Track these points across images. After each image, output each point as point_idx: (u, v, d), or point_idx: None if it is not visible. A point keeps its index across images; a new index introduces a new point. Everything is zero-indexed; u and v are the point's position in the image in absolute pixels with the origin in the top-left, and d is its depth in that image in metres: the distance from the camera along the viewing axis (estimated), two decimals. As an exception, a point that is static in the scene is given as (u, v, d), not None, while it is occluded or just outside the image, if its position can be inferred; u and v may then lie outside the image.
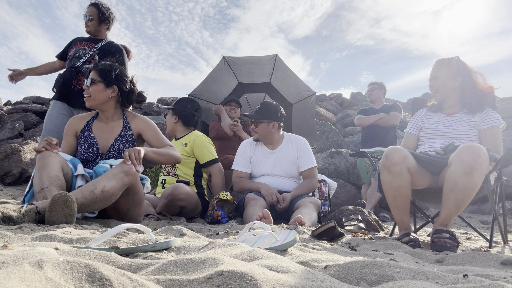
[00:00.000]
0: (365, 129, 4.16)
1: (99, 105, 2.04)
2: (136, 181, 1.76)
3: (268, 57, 4.20)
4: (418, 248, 1.54)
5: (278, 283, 0.61)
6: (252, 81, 4.37)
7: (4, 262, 0.59)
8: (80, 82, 2.91)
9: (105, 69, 2.03)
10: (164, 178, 2.73)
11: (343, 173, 4.61)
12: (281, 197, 2.46)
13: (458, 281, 0.74)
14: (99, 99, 2.01)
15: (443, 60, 2.11)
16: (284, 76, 4.34)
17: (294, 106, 4.49)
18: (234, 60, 4.23)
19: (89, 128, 2.07)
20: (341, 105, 10.34)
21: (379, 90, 4.19)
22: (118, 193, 1.67)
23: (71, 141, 2.08)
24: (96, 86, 2.00)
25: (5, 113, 6.86)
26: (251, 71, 4.30)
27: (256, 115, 2.69)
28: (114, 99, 2.07)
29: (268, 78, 4.28)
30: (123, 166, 1.68)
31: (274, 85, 4.33)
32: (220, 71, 4.29)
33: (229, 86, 4.39)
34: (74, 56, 2.97)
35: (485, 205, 4.21)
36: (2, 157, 4.07)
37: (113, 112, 2.09)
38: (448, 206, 1.63)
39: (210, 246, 1.00)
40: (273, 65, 4.19)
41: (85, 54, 2.96)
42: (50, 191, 1.58)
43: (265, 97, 4.51)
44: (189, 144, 2.75)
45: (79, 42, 3.05)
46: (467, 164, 1.59)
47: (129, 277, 0.59)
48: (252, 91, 4.51)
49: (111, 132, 2.05)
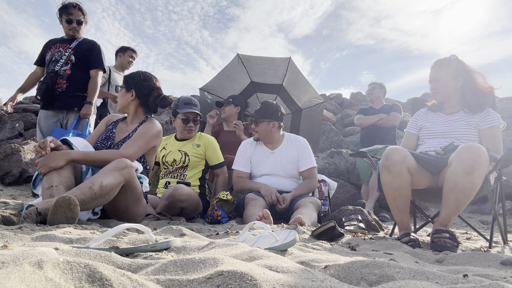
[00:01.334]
0: (365, 129, 4.16)
1: (122, 109, 2.20)
2: (132, 176, 1.78)
3: (282, 59, 4.22)
4: (418, 248, 1.54)
5: (278, 283, 0.61)
6: (265, 81, 4.38)
7: (4, 262, 0.59)
8: (60, 85, 2.94)
9: (128, 76, 2.20)
10: (168, 181, 2.71)
11: (343, 173, 4.61)
12: (281, 197, 2.46)
13: (458, 281, 0.74)
14: (121, 103, 2.18)
15: (442, 61, 2.10)
16: (296, 81, 4.37)
17: (304, 111, 4.51)
18: (248, 58, 4.24)
19: (115, 125, 2.23)
20: (341, 105, 10.34)
21: (379, 90, 4.20)
22: (116, 188, 1.69)
23: (102, 129, 2.23)
24: (120, 91, 2.20)
25: (5, 113, 6.86)
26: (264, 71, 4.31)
27: (257, 114, 2.69)
28: (134, 103, 2.17)
29: (280, 80, 4.30)
30: (117, 162, 1.72)
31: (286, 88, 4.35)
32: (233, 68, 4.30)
33: (241, 84, 4.40)
34: (51, 60, 3.00)
35: (485, 205, 4.21)
36: (2, 157, 4.07)
37: (133, 116, 2.19)
38: (448, 206, 1.63)
39: (210, 246, 1.00)
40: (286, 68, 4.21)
41: (61, 57, 2.98)
42: (58, 190, 1.62)
43: (276, 98, 4.52)
44: (203, 145, 2.77)
45: (53, 46, 3.06)
46: (467, 164, 1.59)
47: (129, 277, 0.59)
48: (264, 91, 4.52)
49: (125, 133, 2.15)
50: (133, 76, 2.18)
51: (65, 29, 3.04)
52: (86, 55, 3.03)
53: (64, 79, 2.95)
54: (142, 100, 2.17)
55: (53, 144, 1.77)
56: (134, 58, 4.05)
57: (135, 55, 4.05)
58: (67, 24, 3.01)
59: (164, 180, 2.73)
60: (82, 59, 3.02)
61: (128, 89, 2.16)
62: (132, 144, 1.98)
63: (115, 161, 1.72)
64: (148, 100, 2.16)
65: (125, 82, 2.19)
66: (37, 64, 3.16)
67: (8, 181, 3.98)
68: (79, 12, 3.01)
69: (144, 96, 2.15)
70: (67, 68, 2.97)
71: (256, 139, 2.75)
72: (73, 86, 2.97)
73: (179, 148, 2.77)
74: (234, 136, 3.49)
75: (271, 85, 4.40)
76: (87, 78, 3.04)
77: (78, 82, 3.00)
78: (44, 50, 3.12)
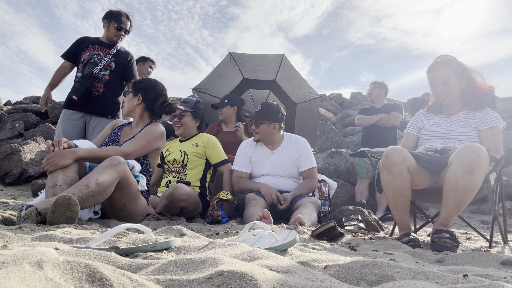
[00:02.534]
0: (366, 129, 4.16)
1: (128, 113, 2.25)
2: (127, 173, 1.80)
3: (275, 56, 4.20)
4: (418, 248, 1.54)
5: (278, 283, 0.61)
6: (257, 77, 4.36)
7: (4, 262, 0.59)
8: (97, 88, 2.97)
9: (137, 81, 2.27)
10: (169, 180, 2.72)
11: (343, 173, 4.61)
12: (282, 197, 2.46)
13: (458, 281, 0.74)
14: (128, 107, 2.23)
15: (441, 62, 2.05)
16: (290, 76, 4.34)
17: (298, 106, 4.49)
18: (240, 56, 4.24)
19: (121, 128, 2.28)
20: (341, 105, 10.33)
21: (380, 90, 4.18)
22: (112, 185, 1.70)
23: (108, 133, 2.30)
24: (128, 96, 2.25)
25: (5, 113, 6.86)
26: (256, 67, 4.30)
27: (257, 116, 2.68)
28: (140, 108, 2.23)
29: (273, 76, 4.28)
30: (111, 159, 1.74)
31: (280, 83, 4.33)
32: (226, 66, 4.29)
33: (234, 81, 4.39)
34: (89, 61, 2.99)
35: (485, 205, 4.21)
36: (2, 157, 4.07)
37: (138, 120, 2.25)
38: (448, 206, 1.63)
39: (210, 246, 1.00)
40: (279, 64, 4.18)
41: (100, 61, 3.00)
42: (62, 189, 1.64)
43: (269, 94, 4.49)
44: (202, 144, 2.77)
45: (91, 45, 3.06)
46: (467, 164, 1.59)
47: (129, 277, 0.59)
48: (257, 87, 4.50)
49: (129, 135, 2.19)
50: (141, 81, 2.26)
51: (111, 34, 3.07)
52: (124, 65, 3.10)
53: (102, 83, 2.99)
54: (148, 105, 2.22)
55: (66, 145, 1.82)
56: (153, 69, 4.10)
57: (154, 66, 4.10)
58: (117, 30, 3.06)
59: (166, 179, 2.76)
60: (120, 68, 3.08)
61: (135, 93, 2.23)
62: (134, 142, 2.05)
63: (109, 158, 1.75)
64: (154, 105, 2.22)
65: (133, 87, 2.25)
66: (66, 59, 3.12)
67: (8, 181, 3.98)
68: (129, 22, 3.12)
69: (150, 101, 2.22)
70: (106, 74, 3.00)
71: (257, 140, 2.75)
72: (109, 92, 3.02)
73: (180, 148, 2.80)
74: (234, 136, 3.48)
75: (263, 81, 4.38)
76: (122, 87, 3.13)
77: (114, 89, 3.05)
78: (77, 47, 3.09)
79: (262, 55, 4.28)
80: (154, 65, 4.11)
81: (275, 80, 4.30)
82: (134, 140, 2.06)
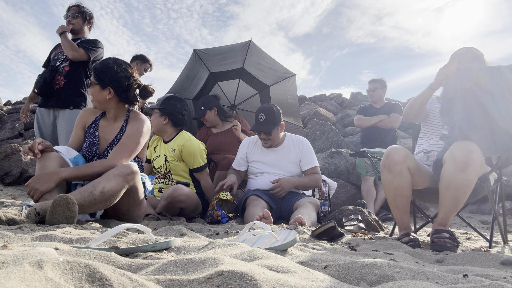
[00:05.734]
0: (365, 130, 4.08)
1: (101, 106, 1.98)
2: (137, 182, 1.76)
3: (241, 44, 4.05)
4: (418, 248, 1.54)
5: (278, 283, 0.61)
6: (224, 69, 4.24)
7: (4, 262, 0.59)
8: (58, 81, 2.95)
9: (99, 69, 1.94)
10: (160, 187, 2.66)
11: (343, 173, 4.61)
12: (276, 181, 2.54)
13: (458, 281, 0.74)
14: (98, 100, 1.96)
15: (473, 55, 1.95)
16: (259, 61, 4.20)
17: (272, 87, 4.39)
18: (205, 52, 4.11)
19: (95, 125, 2.02)
20: (341, 105, 10.33)
21: (381, 90, 4.07)
22: (118, 194, 1.65)
23: (79, 134, 2.04)
24: (93, 88, 1.94)
25: (5, 113, 6.86)
26: (223, 60, 4.17)
27: (268, 126, 2.59)
28: (114, 100, 1.97)
29: (241, 64, 4.15)
30: (123, 167, 1.67)
31: (248, 70, 4.20)
32: (192, 66, 4.17)
33: (202, 79, 4.27)
34: (53, 58, 3.05)
35: (485, 205, 4.21)
36: (2, 157, 4.06)
37: (116, 113, 2.01)
38: (445, 204, 1.63)
39: (210, 246, 1.00)
40: (246, 51, 4.03)
41: (63, 55, 3.01)
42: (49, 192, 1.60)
43: (239, 82, 4.37)
44: (177, 149, 2.63)
45: (58, 47, 3.09)
46: (460, 161, 1.59)
47: (129, 277, 0.58)
48: (225, 79, 4.38)
49: (112, 133, 2.00)
50: (106, 70, 1.92)
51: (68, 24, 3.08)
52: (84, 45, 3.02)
53: (62, 75, 2.96)
54: (122, 97, 1.97)
55: (41, 146, 1.70)
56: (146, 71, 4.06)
57: (150, 69, 4.06)
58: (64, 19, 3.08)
59: (157, 185, 2.69)
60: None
61: (103, 86, 1.92)
62: (122, 149, 1.84)
63: (121, 165, 1.68)
64: (128, 95, 1.98)
65: (98, 79, 1.92)
66: (45, 67, 3.17)
67: (8, 181, 3.98)
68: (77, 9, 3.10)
69: (123, 93, 1.96)
70: (66, 65, 2.98)
71: (269, 146, 2.71)
72: (70, 84, 2.96)
73: (164, 151, 2.71)
74: (225, 136, 3.41)
75: (231, 71, 4.26)
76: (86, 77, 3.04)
77: (76, 80, 2.98)
78: (50, 52, 3.16)
79: (228, 45, 4.13)
80: (151, 68, 4.05)
81: (243, 67, 4.16)
82: (121, 147, 1.85)
